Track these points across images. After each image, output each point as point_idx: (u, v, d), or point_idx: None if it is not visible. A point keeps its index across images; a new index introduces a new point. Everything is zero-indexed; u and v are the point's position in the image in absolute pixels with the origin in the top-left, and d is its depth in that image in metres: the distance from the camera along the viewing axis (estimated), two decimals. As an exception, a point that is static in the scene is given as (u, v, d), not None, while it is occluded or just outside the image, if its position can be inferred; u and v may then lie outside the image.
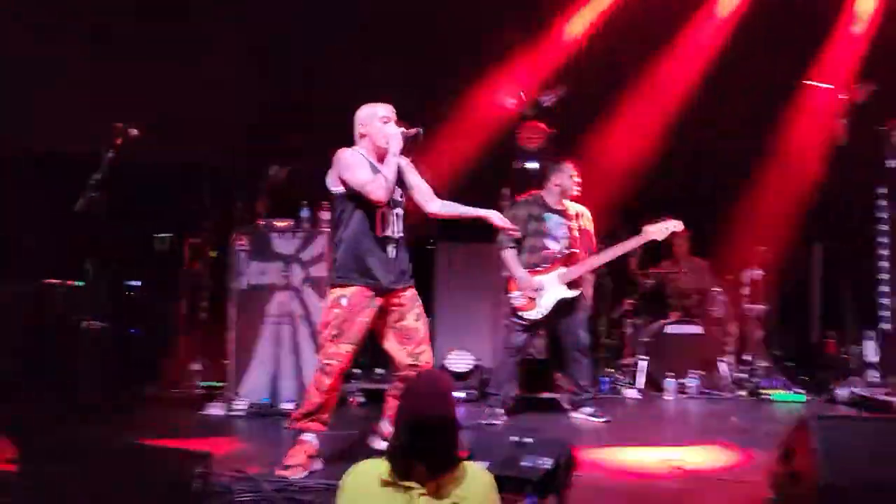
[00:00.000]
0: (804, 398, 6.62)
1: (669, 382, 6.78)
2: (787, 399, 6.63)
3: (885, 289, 6.13)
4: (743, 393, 6.86)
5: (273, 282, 5.92)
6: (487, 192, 6.79)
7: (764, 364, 7.15)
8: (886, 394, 6.05)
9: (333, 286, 4.11)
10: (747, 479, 3.92)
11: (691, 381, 6.82)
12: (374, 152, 4.09)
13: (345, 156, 4.01)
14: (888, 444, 2.94)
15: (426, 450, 2.40)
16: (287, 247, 5.95)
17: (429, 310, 7.03)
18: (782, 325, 7.78)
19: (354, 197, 4.00)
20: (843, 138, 6.86)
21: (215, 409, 5.72)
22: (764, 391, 6.77)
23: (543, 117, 6.83)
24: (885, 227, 6.15)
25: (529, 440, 3.33)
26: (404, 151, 4.04)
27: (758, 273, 7.31)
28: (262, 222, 6.04)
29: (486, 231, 6.62)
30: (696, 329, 7.09)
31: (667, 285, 7.86)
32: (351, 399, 6.28)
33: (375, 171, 3.98)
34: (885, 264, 6.13)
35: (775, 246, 7.61)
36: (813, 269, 8.18)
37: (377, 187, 3.91)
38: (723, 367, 7.02)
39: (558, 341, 5.82)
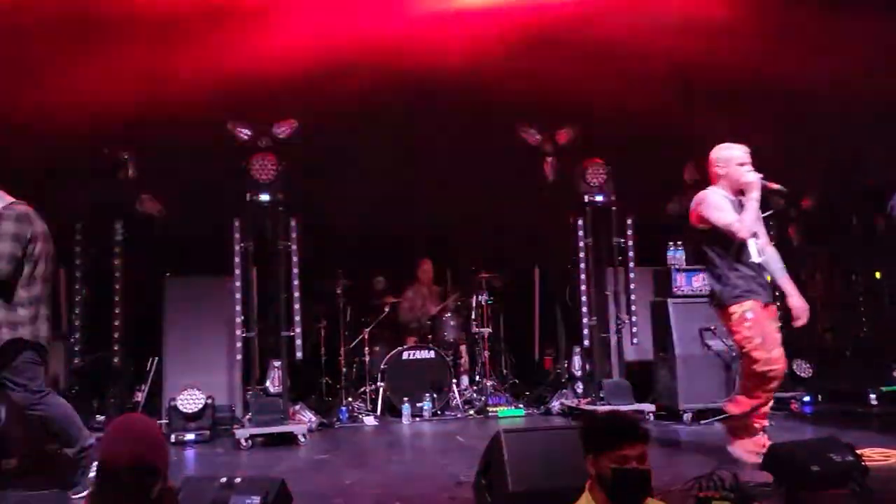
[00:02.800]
0: (523, 412, 7.24)
1: (405, 407, 7.05)
2: (510, 414, 7.20)
3: (585, 309, 6.91)
4: (472, 412, 7.33)
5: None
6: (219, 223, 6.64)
7: (491, 383, 7.70)
8: (588, 402, 6.80)
9: (730, 305, 4.55)
10: (460, 495, 4.18)
11: (426, 405, 7.15)
12: (732, 191, 4.63)
13: (710, 198, 4.60)
14: (559, 451, 3.32)
15: (117, 498, 2.29)
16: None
17: (158, 347, 6.73)
18: (508, 345, 8.48)
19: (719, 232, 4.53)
20: (551, 175, 7.65)
21: None
22: (491, 408, 7.29)
23: (277, 149, 6.79)
24: (582, 254, 6.95)
25: (238, 480, 3.28)
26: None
27: (484, 298, 7.90)
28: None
29: (217, 264, 6.51)
30: (429, 353, 7.45)
31: (402, 312, 8.22)
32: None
33: (737, 210, 4.54)
34: (584, 287, 6.92)
35: (498, 272, 8.31)
36: (534, 292, 9.00)
37: (741, 228, 4.46)
38: (454, 389, 7.46)
39: None
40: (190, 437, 6.11)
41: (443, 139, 9.12)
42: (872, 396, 6.82)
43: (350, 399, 7.49)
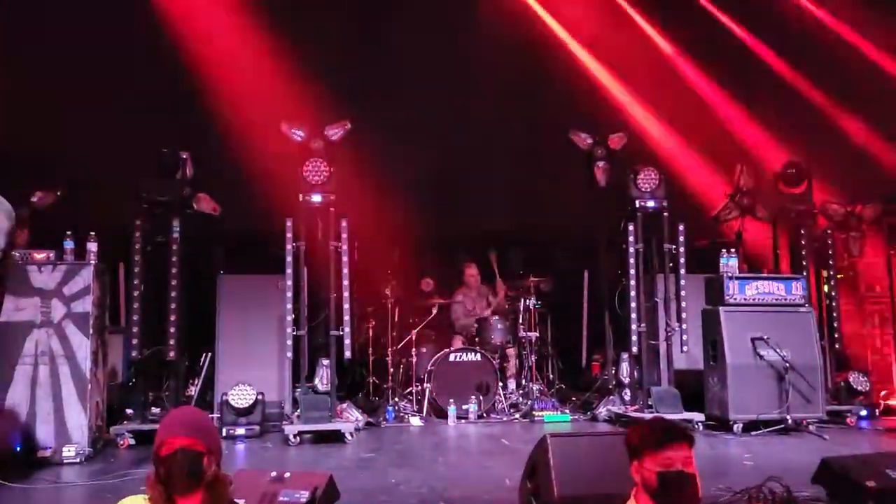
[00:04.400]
0: (569, 417, 7.20)
1: (451, 408, 7.08)
2: (556, 419, 7.16)
3: (634, 315, 6.83)
4: (518, 415, 7.31)
5: (30, 318, 5.47)
6: (272, 226, 6.76)
7: (537, 387, 7.67)
8: (635, 410, 6.72)
9: None
10: (505, 498, 4.19)
11: (471, 407, 7.17)
12: None
13: None
14: (605, 457, 3.30)
15: (173, 478, 2.40)
16: (47, 281, 5.52)
17: (212, 343, 6.89)
18: (555, 349, 8.43)
19: None
20: (603, 180, 7.58)
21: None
22: (536, 413, 7.25)
23: (332, 151, 6.89)
24: (632, 260, 6.87)
25: (287, 475, 3.35)
26: None
27: (532, 301, 7.89)
28: (17, 253, 5.56)
29: (272, 263, 6.64)
30: (476, 356, 7.45)
31: (455, 314, 8.26)
32: (121, 441, 5.93)
33: None
34: (633, 293, 6.84)
35: (550, 276, 8.31)
36: (583, 297, 8.94)
37: None
38: (500, 392, 7.45)
39: None
40: (240, 431, 6.24)
41: (495, 139, 9.18)
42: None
43: (396, 399, 7.56)
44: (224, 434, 6.15)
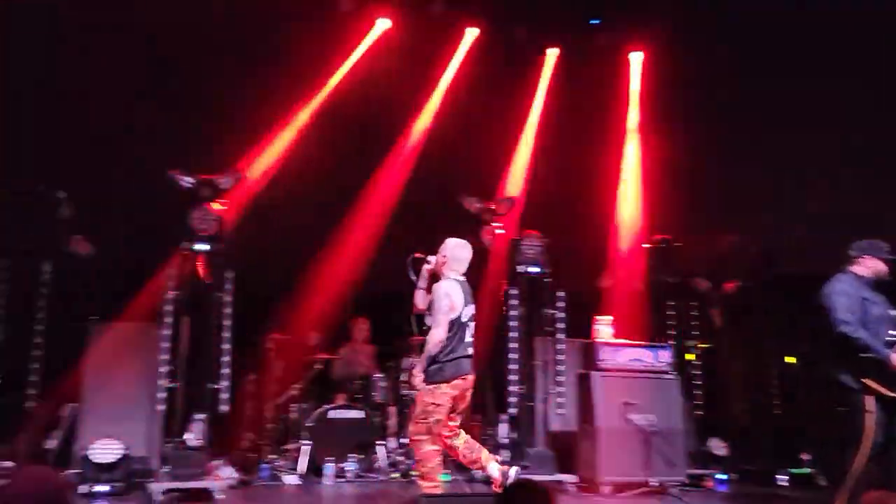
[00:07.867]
0: (449, 477, 7.21)
1: (328, 467, 6.96)
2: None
3: (513, 377, 7.01)
4: (397, 475, 7.26)
5: None
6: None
7: (418, 446, 7.63)
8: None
9: None
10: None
11: (350, 466, 7.07)
12: None
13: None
14: None
15: None
16: None
17: (77, 393, 6.53)
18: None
19: None
20: (489, 244, 7.83)
21: None
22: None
23: (219, 199, 6.78)
24: (513, 324, 7.08)
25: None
26: None
27: (415, 359, 7.92)
28: None
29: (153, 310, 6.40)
30: (357, 413, 7.40)
31: (334, 370, 8.17)
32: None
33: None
34: (513, 356, 7.03)
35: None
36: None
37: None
38: (380, 451, 7.39)
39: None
40: (102, 489, 5.90)
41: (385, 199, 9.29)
42: (782, 478, 7.04)
43: (274, 456, 7.35)
44: (84, 492, 5.80)
